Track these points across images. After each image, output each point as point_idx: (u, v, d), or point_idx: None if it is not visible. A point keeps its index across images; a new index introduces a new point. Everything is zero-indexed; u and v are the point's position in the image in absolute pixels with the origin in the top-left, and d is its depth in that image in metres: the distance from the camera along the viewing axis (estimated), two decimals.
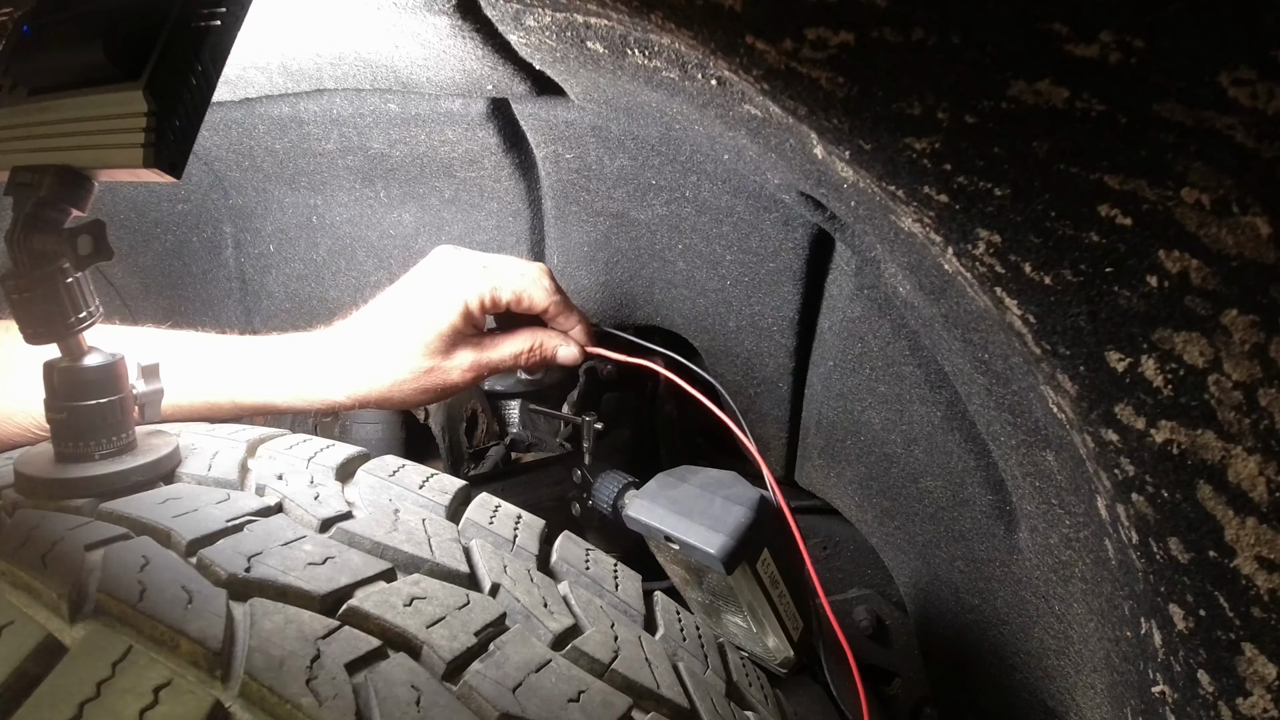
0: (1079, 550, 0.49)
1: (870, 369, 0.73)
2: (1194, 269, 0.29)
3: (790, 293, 0.76)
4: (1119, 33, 0.26)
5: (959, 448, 0.65)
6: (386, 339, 0.64)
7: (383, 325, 0.65)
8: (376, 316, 0.66)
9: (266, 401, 0.65)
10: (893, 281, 0.60)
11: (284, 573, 0.37)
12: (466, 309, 0.64)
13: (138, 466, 0.45)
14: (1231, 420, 0.30)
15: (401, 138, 0.79)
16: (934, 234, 0.37)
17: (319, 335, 0.67)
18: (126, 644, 0.32)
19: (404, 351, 0.64)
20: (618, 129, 0.71)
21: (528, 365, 0.69)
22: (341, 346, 0.66)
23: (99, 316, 0.47)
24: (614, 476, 0.71)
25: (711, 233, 0.76)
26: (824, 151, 0.44)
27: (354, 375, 0.64)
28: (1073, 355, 0.34)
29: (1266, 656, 0.33)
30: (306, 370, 0.65)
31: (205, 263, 0.97)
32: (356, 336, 0.66)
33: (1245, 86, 0.25)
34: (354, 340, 0.66)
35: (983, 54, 0.28)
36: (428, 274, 0.67)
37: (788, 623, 0.62)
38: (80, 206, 0.45)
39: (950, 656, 0.80)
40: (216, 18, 0.42)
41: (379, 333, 0.65)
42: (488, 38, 0.58)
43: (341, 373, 0.64)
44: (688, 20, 0.35)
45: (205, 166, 0.90)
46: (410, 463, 0.53)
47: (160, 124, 0.40)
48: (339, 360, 0.65)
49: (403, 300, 0.66)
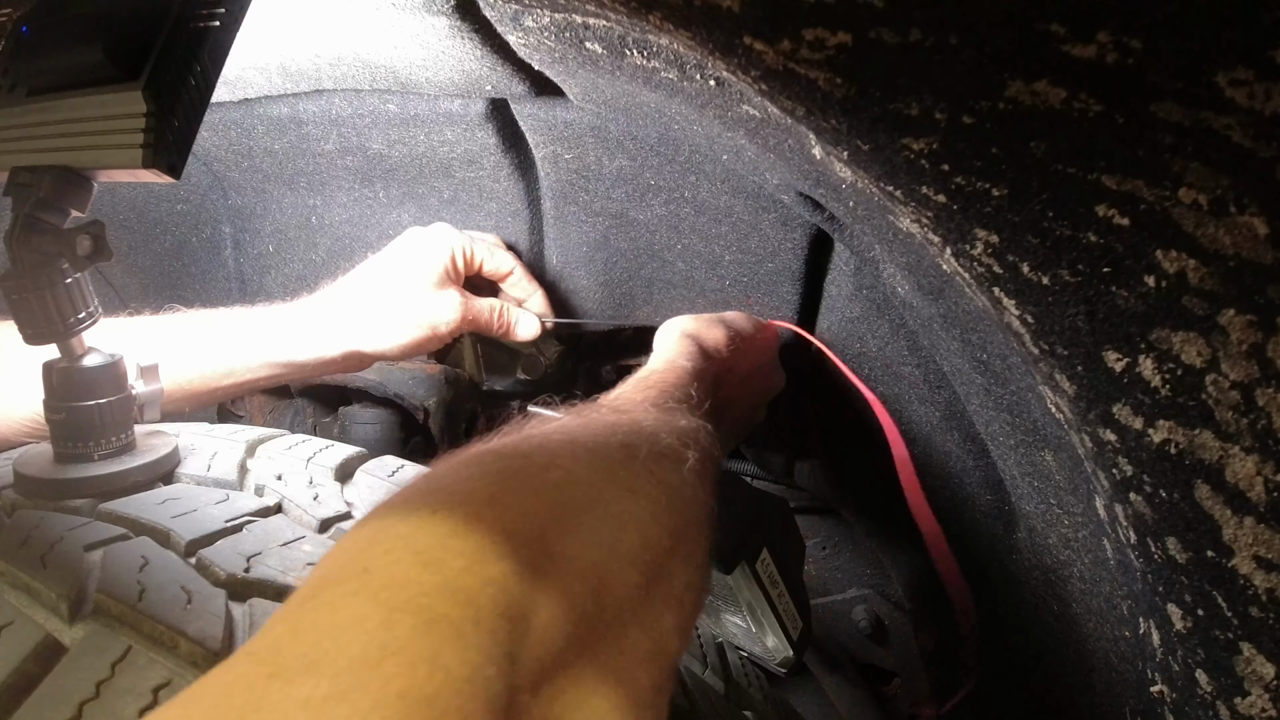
0: (1077, 550, 0.49)
1: (869, 369, 0.73)
2: (1191, 269, 0.29)
3: (789, 293, 0.76)
4: (1116, 33, 0.26)
5: (958, 448, 0.65)
6: (382, 287, 0.69)
7: (373, 279, 0.69)
8: (365, 274, 0.70)
9: (265, 372, 0.67)
10: (891, 282, 0.60)
11: (283, 573, 0.37)
12: (452, 255, 0.71)
13: (137, 467, 0.45)
14: (1229, 420, 0.30)
15: (400, 138, 0.79)
16: (932, 234, 0.37)
17: (309, 299, 0.70)
18: (126, 644, 0.32)
19: (400, 294, 0.68)
20: (617, 129, 0.71)
21: (498, 329, 0.74)
22: (333, 305, 0.69)
23: (98, 317, 0.47)
24: None
25: (710, 233, 0.76)
26: (822, 152, 0.44)
27: (348, 330, 0.68)
28: (1070, 355, 0.34)
29: (1264, 656, 0.33)
30: (300, 331, 0.67)
31: (204, 263, 0.97)
32: (348, 293, 0.70)
33: (1243, 87, 0.25)
34: (345, 297, 0.69)
35: (980, 54, 0.28)
36: (410, 238, 0.72)
37: (787, 623, 0.62)
38: (79, 207, 0.45)
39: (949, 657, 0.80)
40: (216, 18, 0.42)
41: (370, 286, 0.69)
42: (486, 38, 0.58)
43: (335, 329, 0.68)
44: (686, 21, 0.35)
45: (204, 167, 0.90)
46: (409, 463, 0.53)
47: (159, 124, 0.40)
48: (332, 317, 0.68)
49: (390, 257, 0.71)
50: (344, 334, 0.68)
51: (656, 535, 0.34)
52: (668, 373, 0.55)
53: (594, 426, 0.39)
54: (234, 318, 0.68)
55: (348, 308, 0.69)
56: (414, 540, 0.26)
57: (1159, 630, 0.38)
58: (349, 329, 0.68)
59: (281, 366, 0.68)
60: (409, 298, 0.69)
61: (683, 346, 0.61)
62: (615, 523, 0.32)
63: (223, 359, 0.66)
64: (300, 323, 0.68)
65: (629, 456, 0.36)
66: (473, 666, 0.22)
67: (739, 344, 0.66)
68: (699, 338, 0.63)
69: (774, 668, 0.65)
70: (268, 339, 0.67)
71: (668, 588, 0.33)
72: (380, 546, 0.26)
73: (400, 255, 0.71)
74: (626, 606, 0.30)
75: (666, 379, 0.54)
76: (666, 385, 0.52)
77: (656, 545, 0.33)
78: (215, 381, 0.66)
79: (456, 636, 0.23)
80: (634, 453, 0.37)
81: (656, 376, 0.54)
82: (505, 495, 0.30)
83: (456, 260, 0.71)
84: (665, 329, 0.66)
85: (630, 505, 0.33)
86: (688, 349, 0.60)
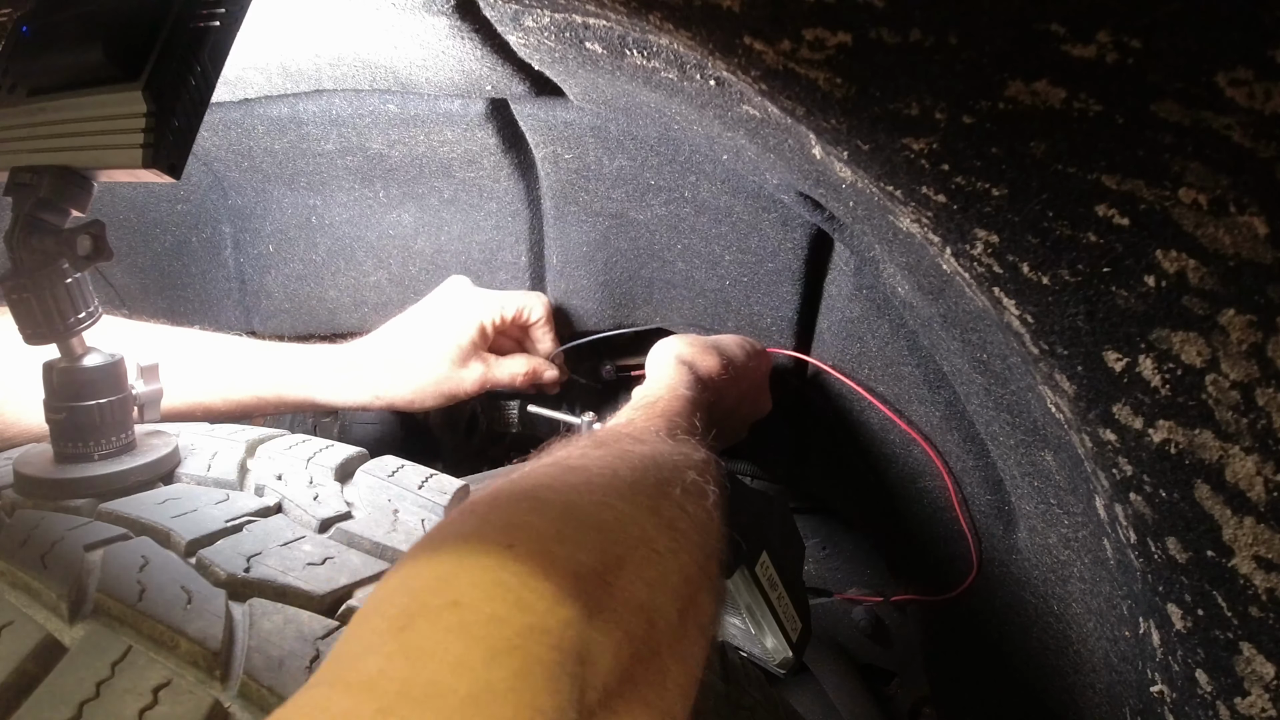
0: (1077, 550, 0.49)
1: (869, 369, 0.73)
2: (1191, 269, 0.29)
3: (789, 293, 0.76)
4: (1116, 33, 0.26)
5: (958, 448, 0.65)
6: (412, 352, 0.75)
7: (409, 340, 0.76)
8: (403, 332, 0.77)
9: (308, 398, 0.73)
10: (891, 281, 0.60)
11: (283, 573, 0.37)
12: (481, 327, 0.76)
13: (137, 467, 0.45)
14: (1229, 420, 0.30)
15: (400, 138, 0.79)
16: (932, 234, 0.37)
17: (351, 345, 0.78)
18: (126, 644, 0.32)
19: (427, 363, 0.75)
20: (617, 129, 0.71)
21: (520, 386, 0.80)
22: (372, 356, 0.76)
23: (99, 317, 0.47)
24: None
25: (710, 233, 0.76)
26: (822, 152, 0.44)
27: (382, 381, 0.74)
28: (1070, 355, 0.34)
29: (1264, 656, 0.33)
30: (341, 374, 0.74)
31: (204, 263, 0.97)
32: (385, 348, 0.76)
33: (1242, 86, 0.25)
34: (382, 351, 0.76)
35: (980, 54, 0.28)
36: (447, 298, 0.78)
37: (786, 624, 0.62)
38: (79, 207, 0.45)
39: (949, 657, 0.80)
40: (216, 18, 0.42)
41: (405, 346, 0.76)
42: (486, 38, 0.58)
43: (371, 378, 0.74)
44: (686, 21, 0.35)
45: (204, 167, 0.90)
46: (409, 463, 0.53)
47: (159, 124, 0.40)
48: (369, 367, 0.75)
49: (427, 319, 0.77)
50: (373, 387, 0.74)
51: (691, 570, 0.35)
52: (673, 401, 0.57)
53: (631, 461, 0.40)
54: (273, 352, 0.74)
55: (378, 365, 0.75)
56: (499, 576, 0.27)
57: (1159, 630, 0.38)
58: (377, 384, 0.74)
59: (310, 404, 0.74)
60: (434, 370, 0.75)
61: (680, 375, 0.63)
62: (659, 560, 0.34)
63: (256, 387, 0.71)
64: (334, 368, 0.74)
65: (664, 494, 0.38)
66: (560, 710, 0.24)
67: (731, 373, 0.68)
68: (694, 366, 0.65)
69: (773, 668, 0.65)
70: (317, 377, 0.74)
71: (698, 619, 0.35)
72: (465, 579, 0.27)
73: (431, 326, 0.76)
74: (665, 640, 0.32)
75: (672, 408, 0.56)
76: (672, 414, 0.54)
77: (691, 580, 0.35)
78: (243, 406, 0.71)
79: (549, 680, 0.24)
80: (668, 490, 0.38)
81: (663, 405, 0.56)
82: (570, 532, 0.31)
83: (485, 329, 0.76)
84: (660, 350, 0.67)
85: (669, 542, 0.35)
86: (685, 378, 0.62)
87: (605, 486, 0.36)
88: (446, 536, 0.30)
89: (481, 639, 0.24)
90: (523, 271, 0.87)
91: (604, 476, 0.37)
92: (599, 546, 0.31)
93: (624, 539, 0.33)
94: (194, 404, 0.67)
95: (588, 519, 0.33)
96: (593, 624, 0.27)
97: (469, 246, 0.87)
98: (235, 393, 0.69)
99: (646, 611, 0.31)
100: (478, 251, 0.87)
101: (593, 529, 0.32)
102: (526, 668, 0.24)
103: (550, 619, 0.26)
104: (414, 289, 0.91)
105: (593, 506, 0.34)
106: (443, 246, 0.88)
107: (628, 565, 0.32)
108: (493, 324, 0.77)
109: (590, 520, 0.33)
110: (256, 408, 0.71)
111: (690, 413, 0.55)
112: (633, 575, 0.31)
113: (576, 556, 0.29)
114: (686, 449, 0.46)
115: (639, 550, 0.33)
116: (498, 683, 0.23)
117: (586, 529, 0.32)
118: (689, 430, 0.51)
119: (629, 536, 0.33)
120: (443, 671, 0.23)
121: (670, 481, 0.39)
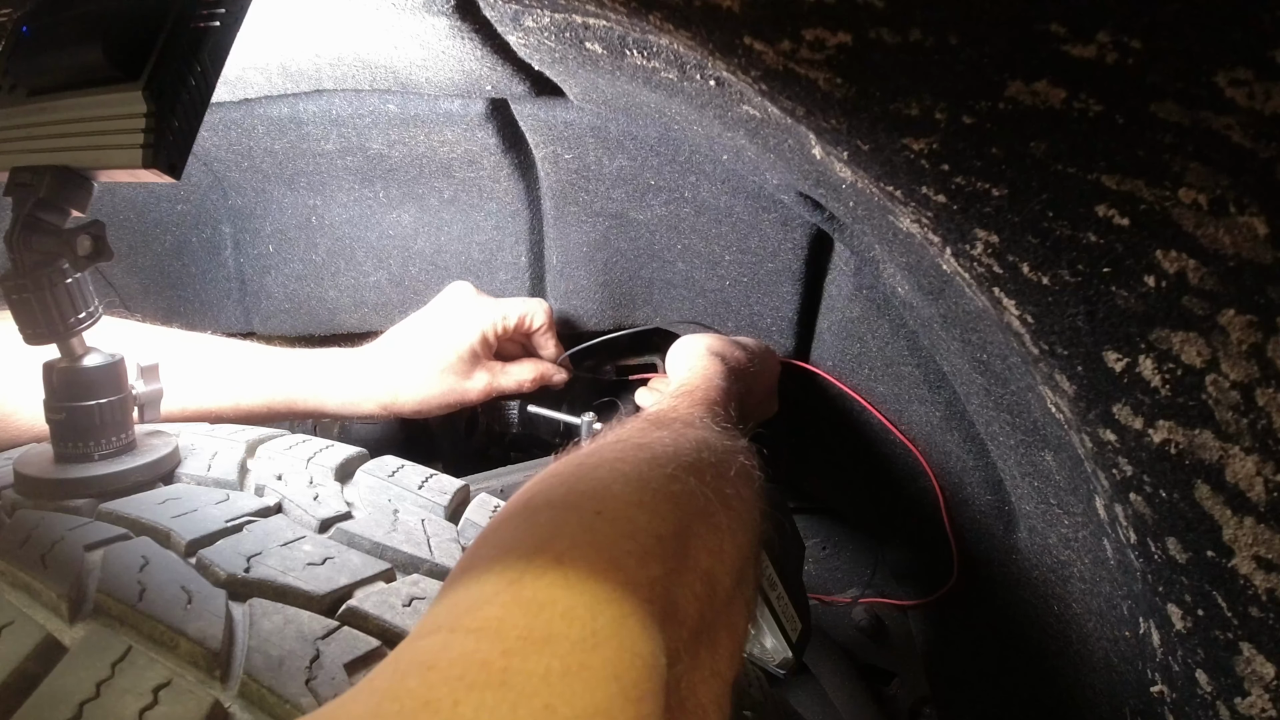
0: (1077, 550, 0.49)
1: (869, 369, 0.73)
2: (1191, 269, 0.29)
3: (789, 293, 0.76)
4: (1116, 33, 0.26)
5: (958, 448, 0.65)
6: (417, 361, 0.75)
7: (412, 352, 0.76)
8: (406, 344, 0.77)
9: (317, 407, 0.74)
10: (891, 282, 0.60)
11: (283, 573, 0.37)
12: (484, 336, 0.76)
13: (137, 467, 0.45)
14: (1229, 420, 0.30)
15: (400, 138, 0.79)
16: (932, 234, 0.37)
17: (357, 355, 0.78)
18: (126, 644, 0.32)
19: (432, 372, 0.75)
20: (617, 129, 0.71)
21: (527, 390, 0.81)
22: (377, 364, 0.76)
23: (99, 317, 0.46)
24: None
25: (710, 233, 0.76)
26: (822, 152, 0.44)
27: (387, 389, 0.75)
28: (1070, 355, 0.34)
29: (1264, 656, 0.33)
30: (348, 382, 0.75)
31: (204, 263, 0.97)
32: (390, 357, 0.76)
33: (1242, 87, 0.25)
34: (388, 360, 0.76)
35: (980, 54, 0.28)
36: (450, 307, 0.78)
37: (786, 625, 0.62)
38: (80, 207, 0.45)
39: (949, 657, 0.80)
40: (216, 18, 0.42)
41: (409, 359, 0.76)
42: (486, 38, 0.58)
43: (376, 386, 0.75)
44: (686, 21, 0.35)
45: (204, 167, 0.90)
46: (409, 463, 0.53)
47: (159, 124, 0.40)
48: (375, 375, 0.75)
49: (429, 330, 0.77)
50: (379, 397, 0.75)
51: (745, 546, 0.38)
52: (709, 390, 0.58)
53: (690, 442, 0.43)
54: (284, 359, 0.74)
55: (383, 378, 0.75)
56: (592, 539, 0.31)
57: (1159, 630, 0.38)
58: (384, 395, 0.75)
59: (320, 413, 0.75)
60: (440, 382, 0.75)
61: (714, 365, 0.63)
62: (719, 534, 0.37)
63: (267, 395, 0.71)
64: (343, 380, 0.75)
65: (721, 475, 0.41)
66: (654, 655, 0.27)
67: (756, 369, 0.68)
68: (725, 358, 0.65)
69: (773, 669, 0.65)
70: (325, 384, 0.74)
71: (746, 592, 0.38)
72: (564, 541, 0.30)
73: (434, 337, 0.76)
74: (721, 609, 0.35)
75: (710, 396, 0.57)
76: (711, 403, 0.55)
77: (744, 555, 0.38)
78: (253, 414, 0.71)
79: (643, 629, 0.27)
80: (724, 471, 0.41)
81: (701, 393, 0.57)
82: (648, 500, 0.34)
83: (488, 338, 0.77)
84: (688, 344, 0.67)
85: (727, 518, 0.38)
86: (719, 368, 0.63)
87: (673, 462, 0.39)
88: (540, 505, 0.33)
89: (585, 592, 0.27)
90: (522, 271, 0.87)
91: (669, 453, 0.40)
92: (673, 515, 0.34)
93: (692, 510, 0.36)
94: (204, 410, 0.67)
95: (661, 489, 0.36)
96: (674, 580, 0.31)
97: (469, 247, 0.87)
98: (246, 400, 0.70)
99: (710, 579, 0.34)
100: (478, 252, 0.87)
101: (666, 499, 0.35)
102: (624, 617, 0.27)
103: (640, 575, 0.29)
104: (414, 289, 0.91)
105: (664, 479, 0.37)
106: (443, 247, 0.88)
107: (695, 535, 0.35)
108: (495, 333, 0.77)
109: (664, 491, 0.36)
110: (267, 416, 0.72)
111: (726, 402, 0.57)
112: (699, 545, 0.34)
113: (655, 523, 0.33)
114: (729, 435, 0.48)
115: (704, 522, 0.36)
116: (601, 629, 0.26)
117: (660, 499, 0.35)
118: (727, 420, 0.53)
119: (696, 508, 0.36)
120: (555, 620, 0.26)
121: (725, 464, 0.42)
